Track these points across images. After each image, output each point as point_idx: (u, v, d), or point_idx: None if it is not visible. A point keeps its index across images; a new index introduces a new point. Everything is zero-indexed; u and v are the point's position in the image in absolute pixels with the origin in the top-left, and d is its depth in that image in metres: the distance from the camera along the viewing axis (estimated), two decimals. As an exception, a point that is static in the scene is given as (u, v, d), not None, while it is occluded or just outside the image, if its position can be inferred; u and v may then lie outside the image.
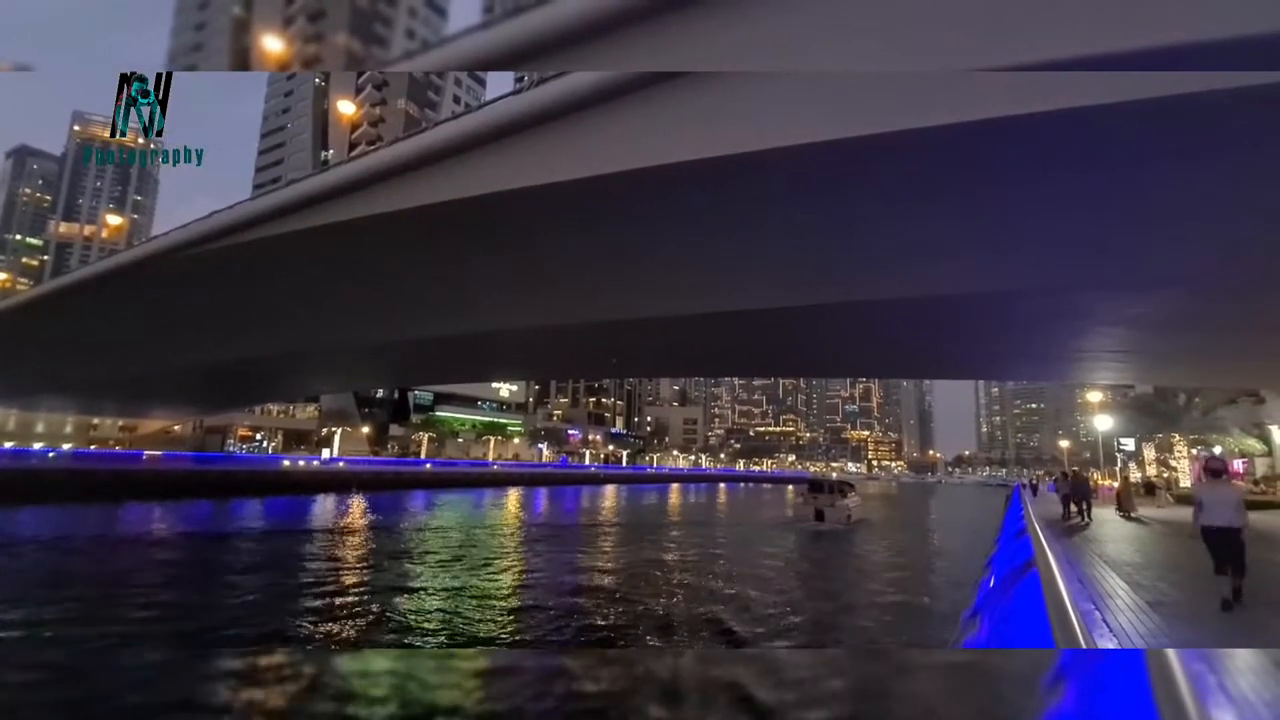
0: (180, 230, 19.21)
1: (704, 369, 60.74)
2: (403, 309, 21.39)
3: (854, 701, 7.02)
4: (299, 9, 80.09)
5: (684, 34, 8.79)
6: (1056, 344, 21.25)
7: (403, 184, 13.70)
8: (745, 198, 11.41)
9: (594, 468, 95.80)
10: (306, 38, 79.16)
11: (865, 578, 18.31)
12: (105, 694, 7.80)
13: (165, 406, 54.29)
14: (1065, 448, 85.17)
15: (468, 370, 44.28)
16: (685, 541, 25.65)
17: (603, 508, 43.90)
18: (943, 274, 13.90)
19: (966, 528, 35.07)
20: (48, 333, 29.96)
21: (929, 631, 11.81)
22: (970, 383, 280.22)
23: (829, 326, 19.56)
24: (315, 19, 79.73)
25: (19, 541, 20.12)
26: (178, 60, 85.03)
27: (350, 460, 57.62)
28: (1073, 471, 19.58)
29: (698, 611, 13.17)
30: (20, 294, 35.97)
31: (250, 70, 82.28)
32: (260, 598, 13.25)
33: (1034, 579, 3.72)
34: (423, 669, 8.86)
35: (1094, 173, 9.27)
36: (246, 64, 78.27)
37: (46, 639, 10.00)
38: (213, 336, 27.19)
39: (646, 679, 8.42)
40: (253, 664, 8.51)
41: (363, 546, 21.32)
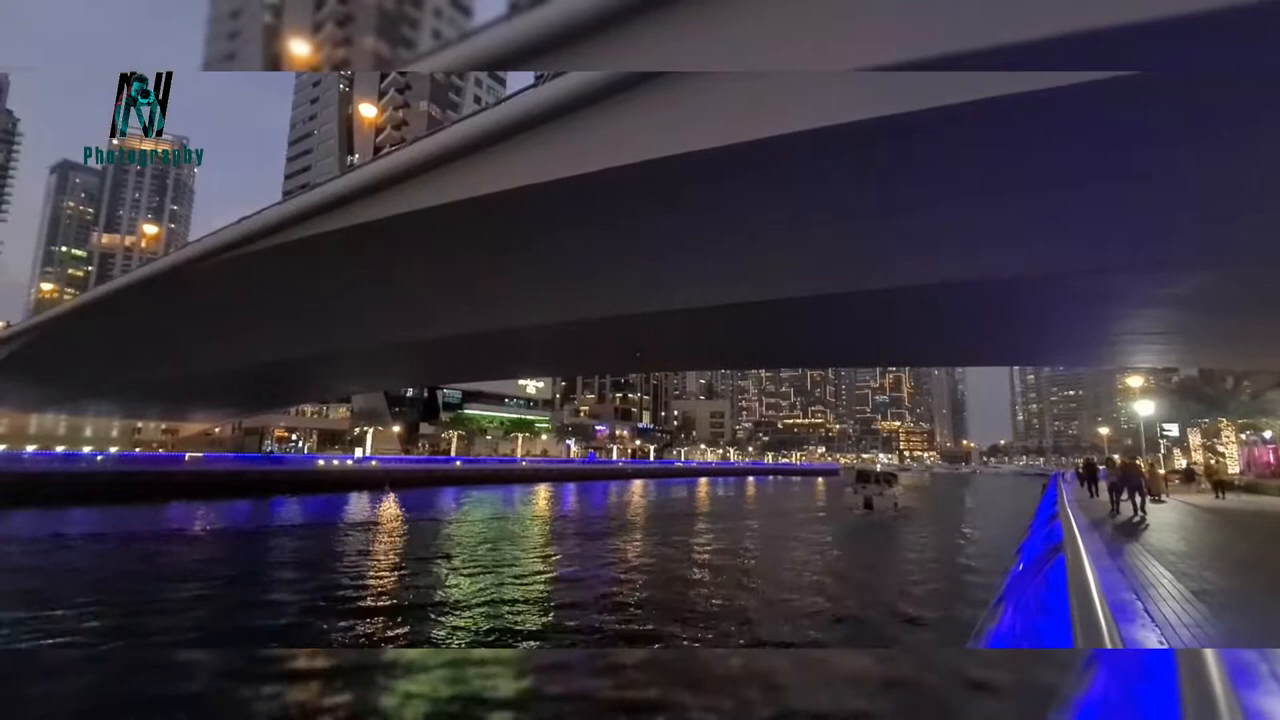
0: (211, 236, 19.69)
1: (730, 362, 60.40)
2: (429, 308, 21.64)
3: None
4: (327, 14, 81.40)
5: (705, 27, 8.66)
6: (1094, 327, 20.56)
7: (425, 183, 13.79)
8: (770, 185, 11.23)
9: (621, 463, 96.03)
10: (335, 42, 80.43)
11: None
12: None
13: (205, 409, 56.00)
14: (1105, 435, 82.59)
15: (494, 368, 44.71)
16: (734, 533, 25.56)
17: (634, 503, 43.99)
18: (975, 259, 13.54)
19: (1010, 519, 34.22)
20: (93, 340, 31.07)
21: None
22: (1005, 370, 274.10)
23: (858, 315, 19.24)
24: (343, 24, 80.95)
25: (74, 539, 20.93)
26: (212, 68, 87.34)
27: (383, 459, 58.70)
28: (1122, 459, 18.23)
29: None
30: (65, 303, 37.35)
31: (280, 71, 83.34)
32: (315, 591, 13.62)
33: (1060, 566, 3.56)
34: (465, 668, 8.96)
35: (1133, 150, 8.90)
36: (278, 70, 79.93)
37: (90, 638, 10.37)
38: (248, 340, 27.90)
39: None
40: (294, 662, 8.69)
41: (407, 541, 21.75)
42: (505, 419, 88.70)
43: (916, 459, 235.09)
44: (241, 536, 23.30)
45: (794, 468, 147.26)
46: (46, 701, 7.52)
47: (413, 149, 14.15)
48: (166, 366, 34.07)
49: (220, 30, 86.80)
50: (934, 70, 7.28)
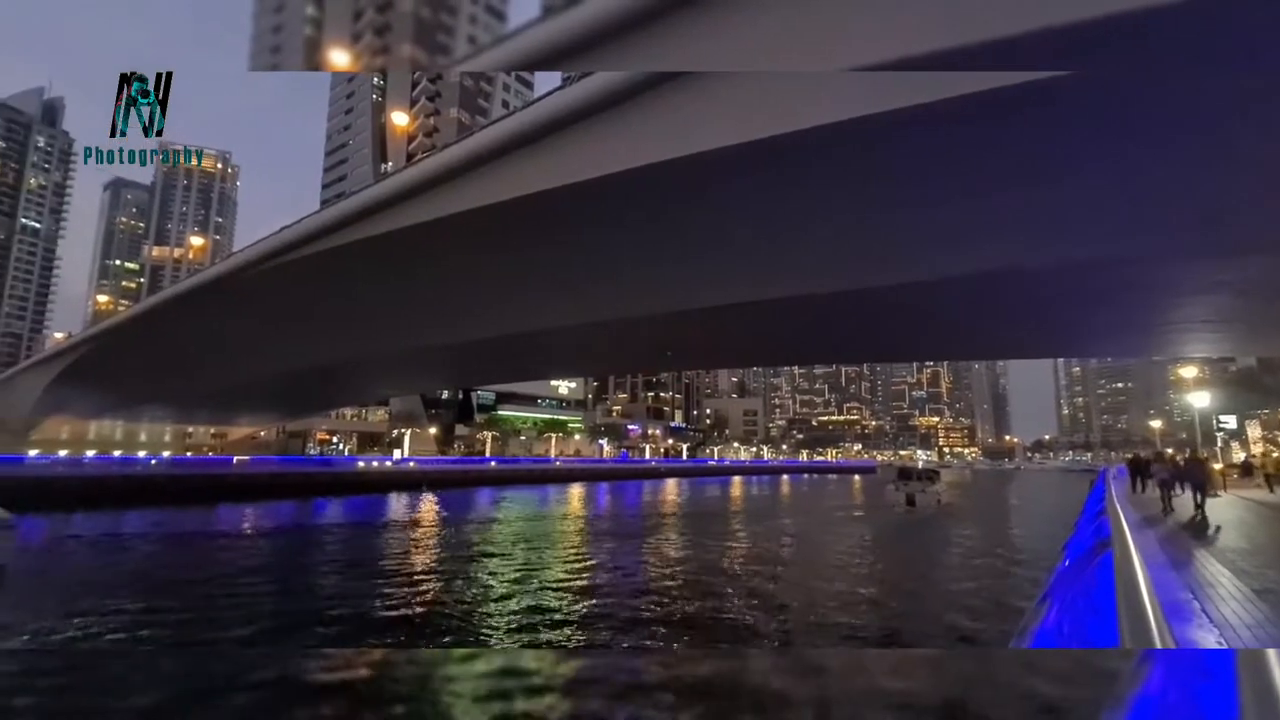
0: (253, 246, 20.35)
1: (761, 359, 59.85)
2: (462, 311, 22.01)
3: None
4: (366, 24, 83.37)
5: (717, 29, 8.63)
6: (1145, 316, 19.79)
7: (455, 189, 14.01)
8: (796, 181, 11.09)
9: (654, 462, 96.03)
10: (374, 51, 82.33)
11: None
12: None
13: (251, 414, 57.99)
14: (1158, 428, 79.13)
15: (527, 369, 45.22)
16: (770, 534, 25.37)
17: (667, 502, 43.95)
18: (1018, 248, 13.15)
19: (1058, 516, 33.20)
20: (145, 349, 32.42)
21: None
22: (1049, 363, 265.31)
23: (894, 310, 18.89)
24: (381, 33, 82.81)
25: (135, 539, 21.88)
26: (256, 68, 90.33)
27: (420, 460, 59.84)
28: (1174, 454, 16.96)
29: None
30: (120, 314, 39.08)
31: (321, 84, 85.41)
32: (364, 586, 14.03)
33: (1108, 562, 3.40)
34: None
35: (1182, 133, 8.52)
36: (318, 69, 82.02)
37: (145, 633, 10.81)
38: (289, 345, 28.79)
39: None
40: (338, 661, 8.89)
41: (447, 541, 22.18)
42: (538, 420, 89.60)
43: (957, 455, 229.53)
44: (291, 536, 24.06)
45: (829, 465, 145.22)
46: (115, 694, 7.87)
47: (442, 156, 14.40)
48: (213, 373, 35.38)
49: (263, 44, 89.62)
50: (935, 68, 7.09)
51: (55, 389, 41.58)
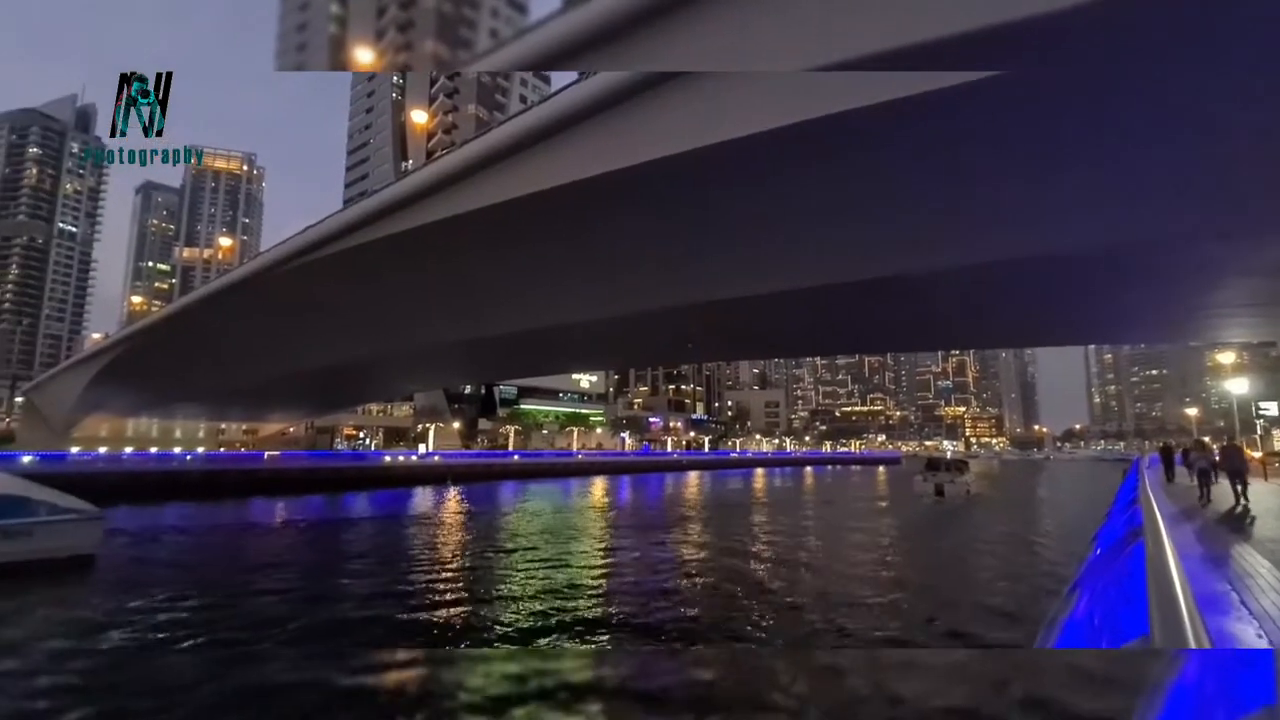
0: (278, 246, 20.73)
1: (783, 350, 59.37)
2: (484, 308, 22.18)
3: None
4: (389, 21, 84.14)
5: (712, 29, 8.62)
6: (1181, 301, 19.21)
7: (473, 185, 14.11)
8: (817, 168, 10.95)
9: (676, 454, 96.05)
10: (398, 47, 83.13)
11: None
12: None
13: (281, 410, 59.27)
14: (1194, 416, 76.74)
15: (548, 363, 45.51)
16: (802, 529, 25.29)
17: (689, 495, 43.97)
18: (1046, 233, 12.83)
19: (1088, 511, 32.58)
20: (178, 349, 33.29)
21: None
22: (1079, 350, 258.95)
23: (923, 297, 18.57)
24: (404, 29, 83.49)
25: (178, 531, 22.56)
26: (283, 68, 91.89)
27: (445, 454, 60.62)
28: (1226, 442, 16.02)
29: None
30: (153, 314, 40.13)
31: (369, 69, 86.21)
32: (398, 577, 14.34)
33: (1140, 552, 3.31)
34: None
35: (1218, 103, 8.22)
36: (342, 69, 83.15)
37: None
38: (317, 343, 29.31)
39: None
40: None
41: (475, 533, 22.48)
42: (560, 413, 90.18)
43: (984, 446, 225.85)
44: (324, 528, 24.59)
45: (853, 456, 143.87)
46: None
47: (459, 153, 14.50)
48: (243, 370, 36.20)
49: (288, 44, 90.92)
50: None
51: (94, 388, 42.92)
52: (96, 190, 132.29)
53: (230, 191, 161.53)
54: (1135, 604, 2.37)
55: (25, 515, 14.15)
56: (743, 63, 8.68)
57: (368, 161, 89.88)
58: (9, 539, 13.66)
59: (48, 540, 14.25)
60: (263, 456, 48.10)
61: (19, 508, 14.16)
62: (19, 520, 13.98)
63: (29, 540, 13.95)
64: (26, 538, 13.94)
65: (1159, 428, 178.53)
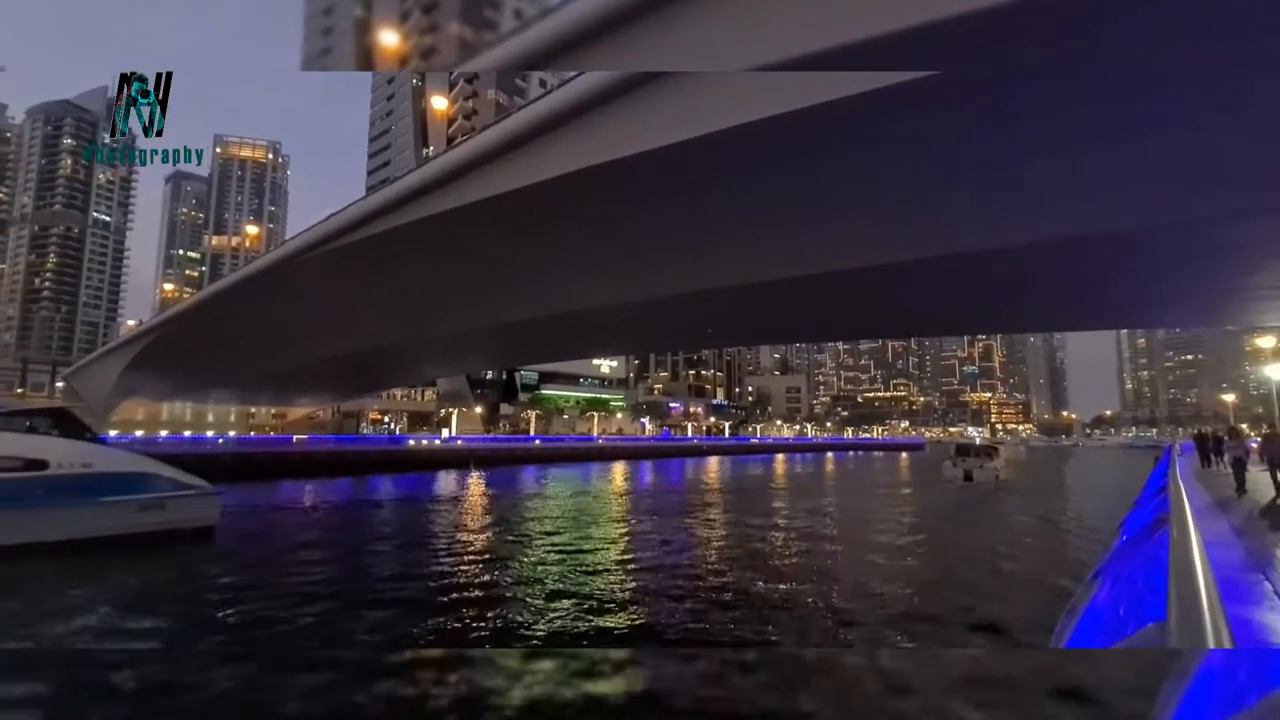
0: (302, 234, 21.01)
1: (804, 335, 58.87)
2: (506, 293, 22.30)
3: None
4: (414, 2, 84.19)
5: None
6: (1220, 282, 18.56)
7: (493, 171, 14.09)
8: (845, 147, 10.73)
9: (696, 440, 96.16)
10: (421, 30, 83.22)
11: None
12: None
13: (308, 395, 60.47)
14: (1231, 402, 74.47)
15: (569, 348, 45.66)
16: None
17: (710, 480, 44.03)
18: (1077, 212, 12.47)
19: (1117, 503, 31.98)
20: (209, 334, 34.07)
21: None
22: (1111, 334, 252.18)
23: (945, 281, 18.22)
24: (429, 10, 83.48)
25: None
26: (311, 63, 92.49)
27: (467, 438, 61.42)
28: (1267, 430, 15.10)
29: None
30: (184, 301, 41.08)
31: (373, 68, 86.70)
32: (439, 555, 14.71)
33: (1166, 539, 3.23)
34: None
35: (1261, 73, 7.88)
36: (369, 61, 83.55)
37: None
38: (341, 328, 29.77)
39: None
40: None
41: (499, 515, 22.86)
42: (581, 398, 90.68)
43: (1010, 432, 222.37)
44: (355, 510, 25.31)
45: (875, 442, 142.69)
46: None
47: (480, 138, 14.48)
48: (271, 356, 36.96)
49: (315, 27, 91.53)
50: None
51: (129, 373, 44.19)
52: (128, 180, 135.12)
53: (256, 180, 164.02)
54: (1160, 592, 2.32)
55: (158, 491, 16.14)
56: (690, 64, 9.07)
57: (389, 149, 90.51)
58: (148, 511, 15.69)
59: (177, 512, 16.26)
60: (291, 440, 49.17)
61: (152, 484, 16.19)
62: (154, 495, 16.00)
63: (162, 512, 15.93)
64: (160, 510, 15.91)
65: (1194, 414, 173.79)
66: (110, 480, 15.66)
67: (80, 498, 15.02)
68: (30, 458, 14.99)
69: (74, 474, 15.27)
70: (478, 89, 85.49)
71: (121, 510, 15.42)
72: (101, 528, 14.95)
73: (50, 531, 14.22)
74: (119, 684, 7.48)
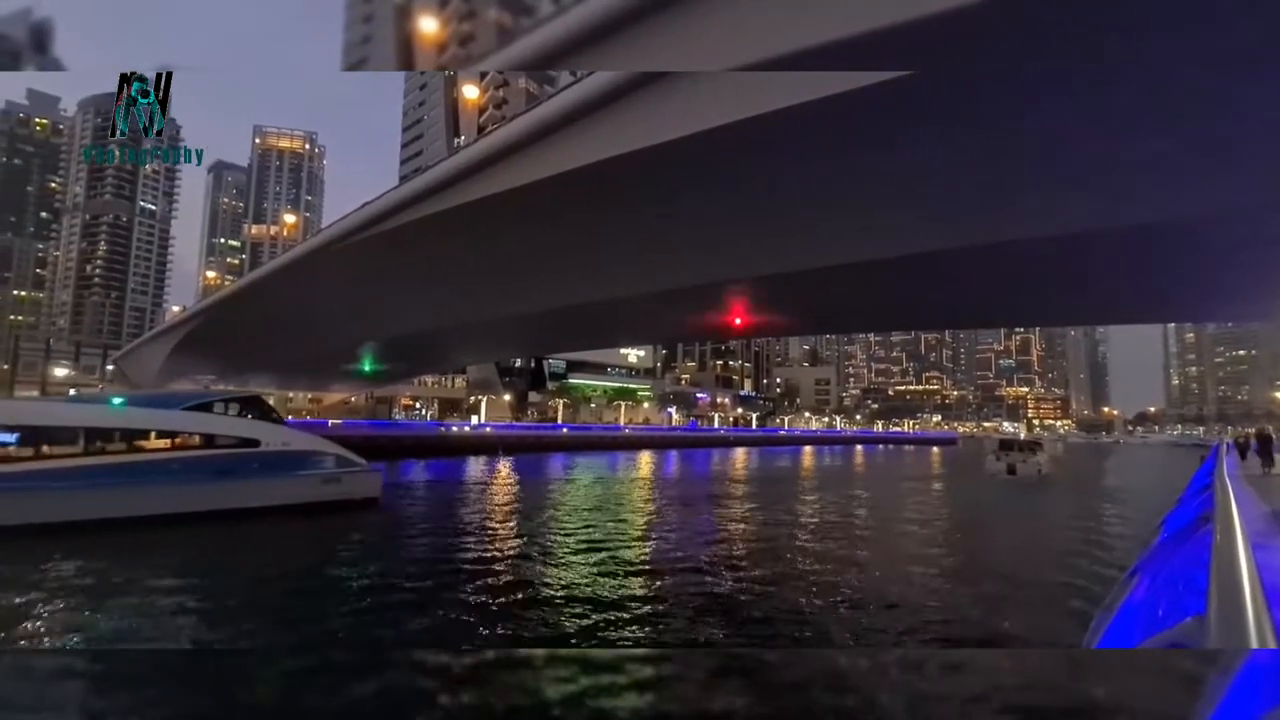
0: (337, 223, 21.38)
1: (834, 326, 57.94)
2: (537, 282, 22.40)
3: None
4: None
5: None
6: (1273, 274, 17.71)
7: (528, 158, 14.03)
8: (888, 129, 10.38)
9: (723, 430, 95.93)
10: (461, 16, 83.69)
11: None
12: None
13: (343, 380, 61.87)
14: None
15: (597, 337, 45.75)
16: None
17: (736, 472, 43.91)
18: (1127, 200, 11.98)
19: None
20: (249, 320, 35.05)
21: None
22: (1156, 328, 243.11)
23: (983, 271, 17.71)
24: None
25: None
26: (351, 54, 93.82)
27: (496, 426, 62.29)
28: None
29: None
30: (225, 288, 42.38)
31: (412, 59, 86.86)
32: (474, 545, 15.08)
33: (1209, 538, 3.10)
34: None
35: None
36: (409, 49, 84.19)
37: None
38: (376, 316, 30.35)
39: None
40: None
41: (530, 502, 23.25)
42: (608, 387, 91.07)
43: (1048, 428, 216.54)
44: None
45: (906, 436, 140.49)
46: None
47: (511, 126, 14.44)
48: (308, 343, 37.90)
49: (357, 13, 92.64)
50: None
51: (175, 357, 45.79)
52: (172, 170, 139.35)
53: (294, 170, 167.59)
54: (1200, 591, 2.25)
55: (333, 467, 19.82)
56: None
57: (422, 139, 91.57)
58: (330, 484, 19.37)
59: (351, 486, 19.88)
60: (327, 424, 50.44)
61: (328, 461, 19.85)
62: (333, 470, 19.73)
63: (339, 485, 19.60)
64: (338, 483, 19.57)
65: (1244, 412, 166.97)
66: (301, 457, 19.19)
67: (282, 472, 18.36)
68: (246, 436, 18.20)
69: (277, 450, 18.62)
70: (508, 78, 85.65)
71: (312, 482, 18.93)
72: (298, 495, 18.18)
73: (264, 498, 17.33)
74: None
